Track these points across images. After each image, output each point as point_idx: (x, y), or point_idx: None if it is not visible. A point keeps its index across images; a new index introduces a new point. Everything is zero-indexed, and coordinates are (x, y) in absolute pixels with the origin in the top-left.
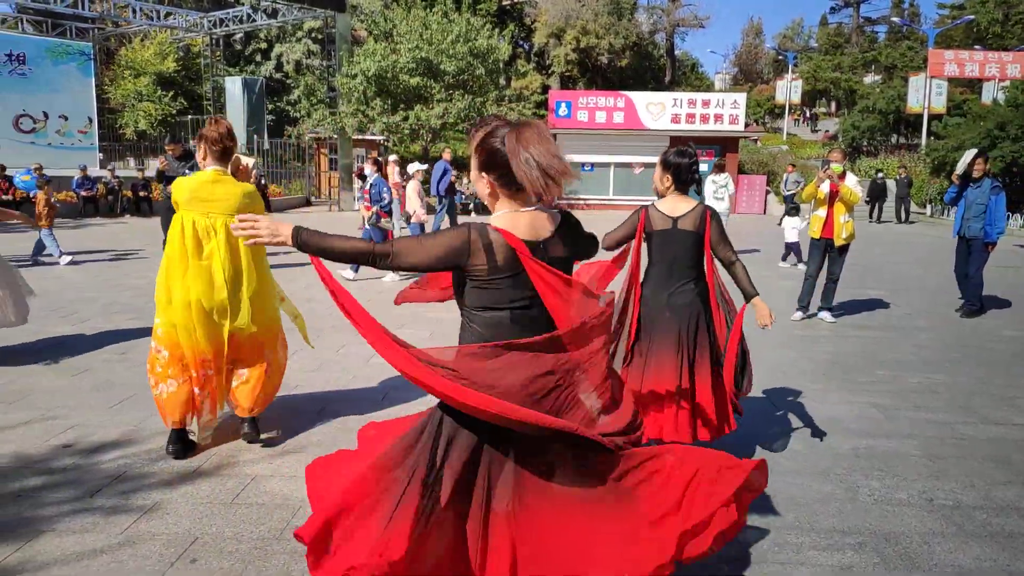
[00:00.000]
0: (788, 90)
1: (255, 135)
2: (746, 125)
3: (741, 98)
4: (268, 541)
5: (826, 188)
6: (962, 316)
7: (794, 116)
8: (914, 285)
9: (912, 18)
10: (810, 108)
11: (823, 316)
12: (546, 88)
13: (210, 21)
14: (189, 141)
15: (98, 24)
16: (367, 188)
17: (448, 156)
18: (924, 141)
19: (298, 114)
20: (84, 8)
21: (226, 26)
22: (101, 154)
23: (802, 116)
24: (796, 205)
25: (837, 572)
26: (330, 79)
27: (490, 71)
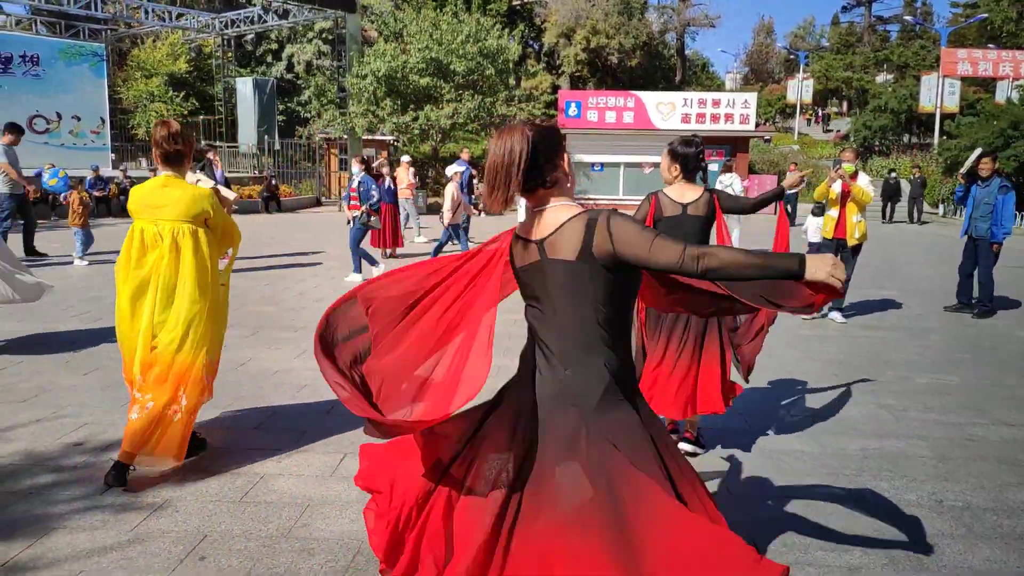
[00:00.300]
0: (799, 89)
1: (266, 135)
2: (757, 125)
3: (752, 98)
4: (276, 539)
5: (838, 188)
6: (974, 317)
7: (806, 116)
8: (926, 286)
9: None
10: (822, 108)
11: (833, 316)
12: (556, 88)
13: (221, 22)
14: (201, 142)
15: (111, 25)
16: (354, 187)
17: (466, 156)
18: (936, 141)
19: (309, 114)
20: (97, 9)
21: (237, 27)
22: (113, 154)
23: (814, 116)
24: (821, 204)
25: (845, 573)
26: (340, 79)
27: (500, 71)
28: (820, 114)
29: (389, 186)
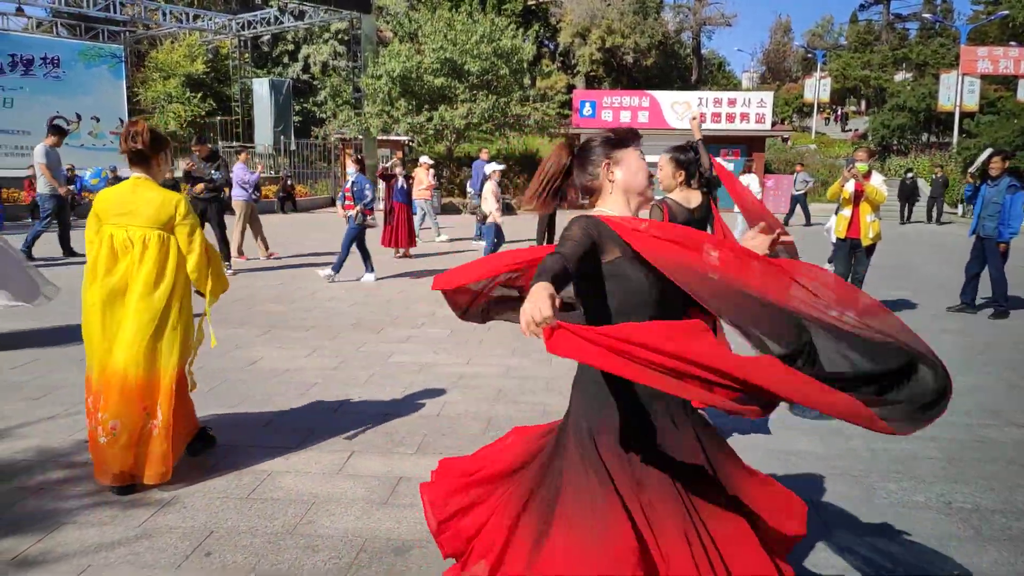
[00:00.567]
0: (817, 88)
1: (282, 136)
2: (773, 124)
3: (768, 97)
4: (281, 536)
5: (851, 187)
6: (991, 317)
7: (824, 115)
8: (943, 286)
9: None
10: (840, 106)
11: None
12: (571, 88)
13: (238, 23)
14: (218, 142)
15: (129, 27)
16: (348, 187)
17: (486, 155)
18: (955, 140)
19: (324, 115)
20: (116, 11)
21: (254, 28)
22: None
23: (833, 115)
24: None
25: (851, 573)
26: (356, 80)
27: (514, 71)
28: (839, 113)
29: (402, 186)
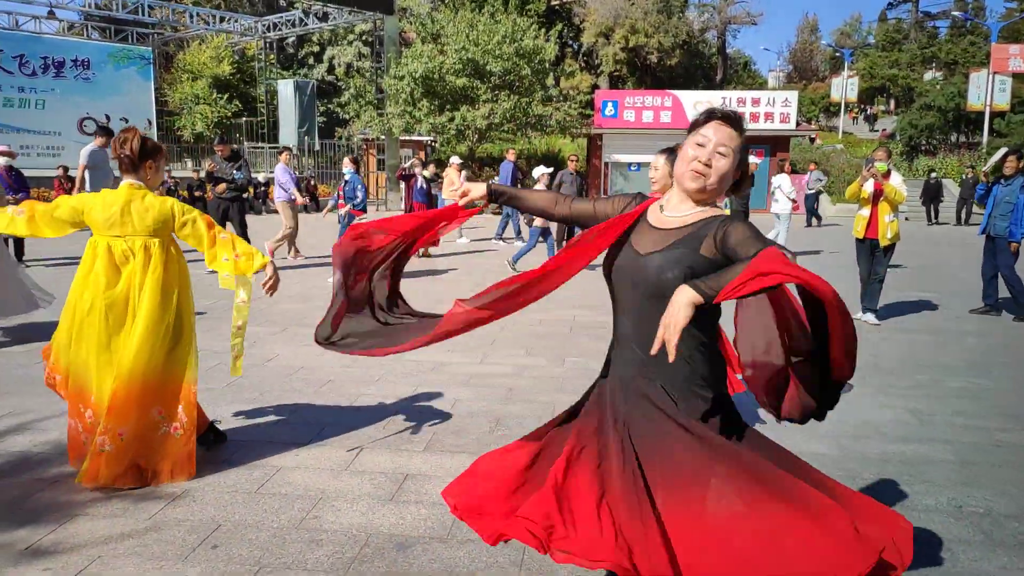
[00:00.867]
0: (844, 87)
1: (306, 136)
2: (798, 123)
3: (792, 96)
4: (287, 530)
5: (870, 187)
6: (1016, 320)
7: (852, 114)
8: (966, 288)
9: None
10: (869, 106)
11: (867, 318)
12: (595, 88)
13: (264, 25)
14: (243, 143)
15: (157, 29)
16: (342, 186)
17: (512, 156)
18: (985, 139)
19: (348, 116)
20: (144, 14)
21: (279, 30)
22: None
23: (861, 114)
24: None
25: None
26: (379, 81)
27: (536, 71)
28: (867, 112)
29: (421, 186)
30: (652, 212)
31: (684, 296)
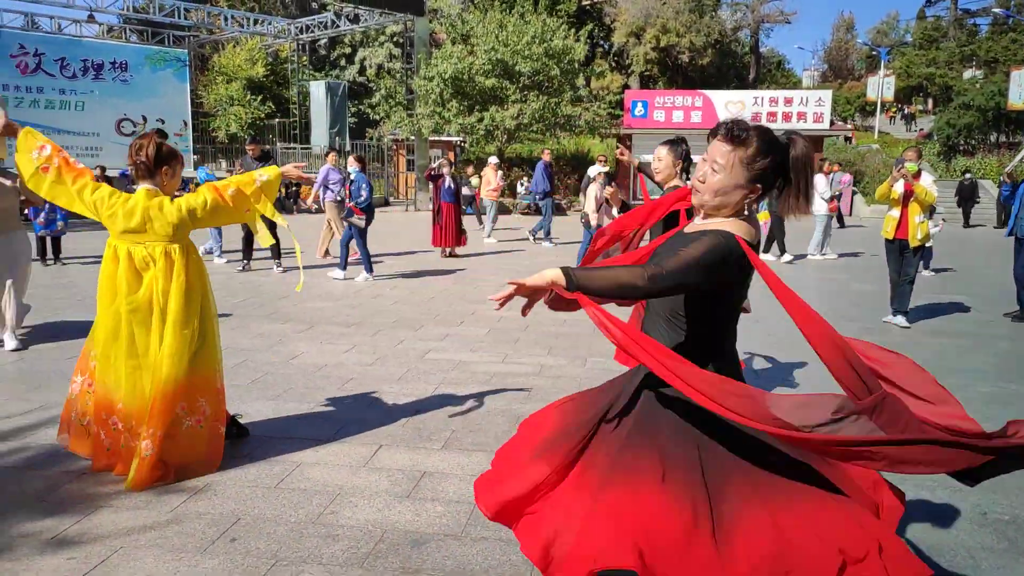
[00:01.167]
0: (880, 87)
1: (337, 137)
2: (832, 123)
3: (826, 95)
4: (304, 524)
5: (900, 188)
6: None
7: (889, 114)
8: (1001, 291)
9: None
10: (907, 105)
11: (897, 320)
12: (625, 88)
13: (297, 27)
14: (276, 144)
15: (193, 32)
16: (348, 184)
17: (548, 156)
18: None
19: (378, 116)
20: (181, 17)
21: (312, 32)
22: (196, 155)
23: (899, 113)
24: (931, 207)
25: None
26: (409, 82)
27: (565, 71)
28: (904, 112)
29: (449, 186)
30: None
31: (552, 272)
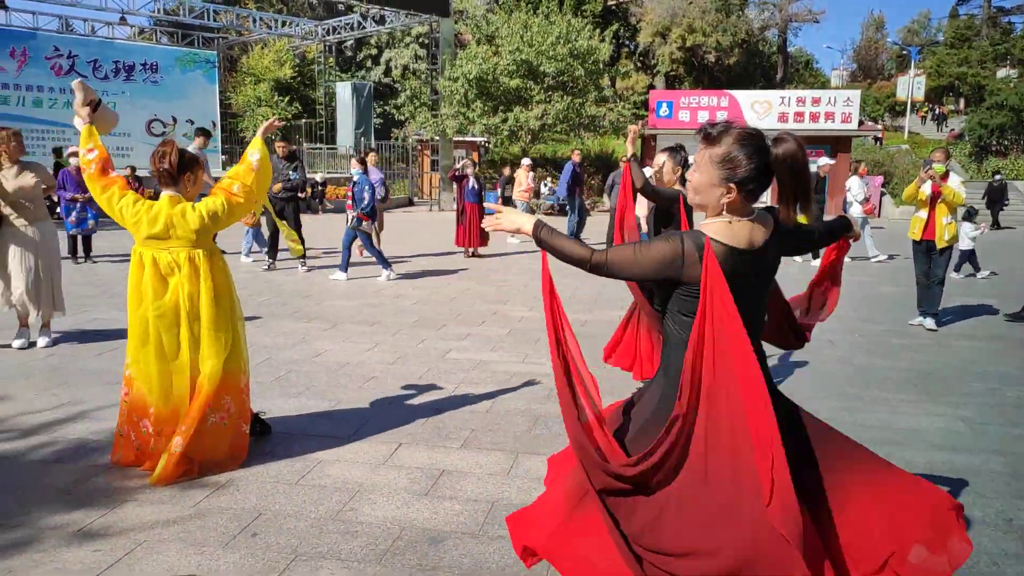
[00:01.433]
0: (910, 86)
1: (362, 138)
2: (860, 123)
3: (855, 95)
4: (324, 520)
5: (928, 189)
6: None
7: (920, 114)
8: None
9: None
10: (938, 105)
11: (926, 322)
12: (651, 88)
13: (324, 29)
14: (303, 144)
15: (222, 34)
16: (350, 186)
17: (577, 157)
18: None
19: (403, 117)
20: (210, 19)
21: (338, 34)
22: (224, 156)
23: (930, 114)
24: (971, 208)
25: None
26: (434, 82)
27: (589, 72)
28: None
29: (472, 187)
30: None
31: (525, 221)
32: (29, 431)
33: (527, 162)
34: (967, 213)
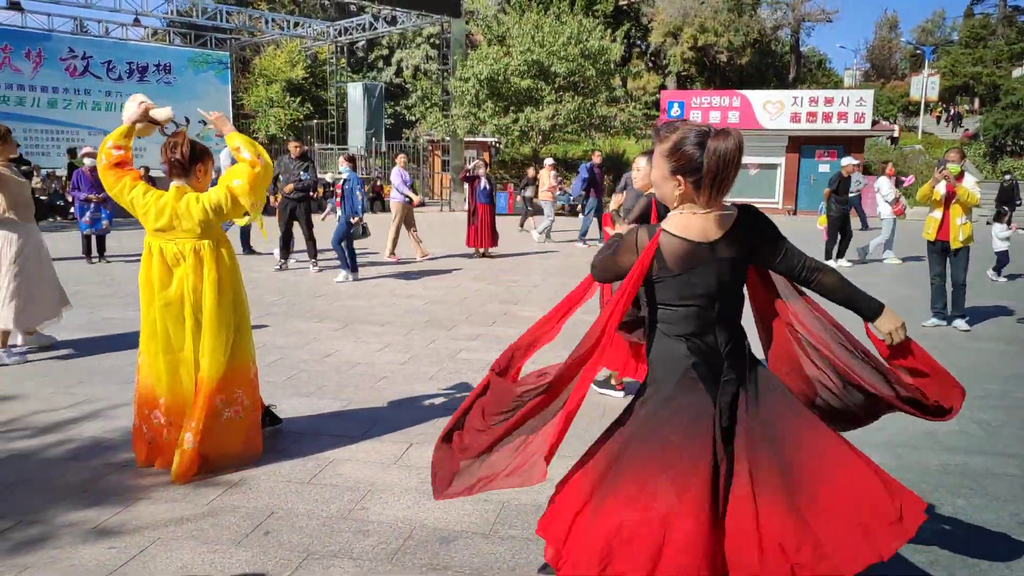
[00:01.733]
0: (924, 86)
1: (373, 138)
2: (874, 123)
3: (868, 95)
4: (336, 519)
5: (942, 189)
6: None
7: (935, 114)
8: None
9: None
10: (953, 105)
11: (957, 324)
12: (662, 88)
13: (335, 30)
14: (314, 144)
15: (235, 35)
16: (340, 184)
17: (598, 158)
18: None
19: (414, 117)
20: (223, 20)
21: (350, 34)
22: None
23: (945, 114)
24: (1002, 209)
25: None
26: (445, 83)
27: (600, 72)
28: (951, 112)
29: (484, 187)
30: None
31: None
32: (45, 429)
33: (550, 161)
34: (997, 214)
